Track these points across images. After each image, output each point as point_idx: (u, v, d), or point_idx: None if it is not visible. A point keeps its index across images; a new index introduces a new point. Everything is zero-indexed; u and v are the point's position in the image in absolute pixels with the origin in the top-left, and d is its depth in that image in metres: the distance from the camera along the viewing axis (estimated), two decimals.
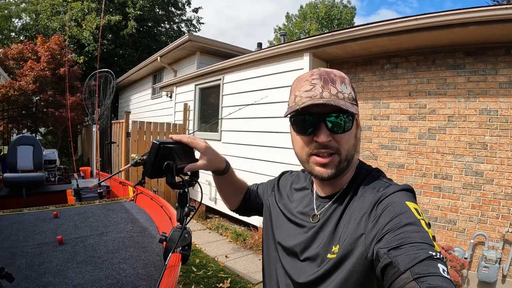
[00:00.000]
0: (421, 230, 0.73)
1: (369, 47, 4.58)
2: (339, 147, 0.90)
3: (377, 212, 0.83)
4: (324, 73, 0.91)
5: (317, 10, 30.37)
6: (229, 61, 6.40)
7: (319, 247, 0.93)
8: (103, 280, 1.58)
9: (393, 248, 0.71)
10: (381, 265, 0.72)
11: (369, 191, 0.91)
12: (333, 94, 0.87)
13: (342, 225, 0.91)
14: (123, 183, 3.99)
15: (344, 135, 0.89)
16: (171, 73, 10.46)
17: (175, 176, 1.03)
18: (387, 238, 0.75)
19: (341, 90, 0.88)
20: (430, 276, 0.62)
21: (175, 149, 1.04)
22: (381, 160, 4.67)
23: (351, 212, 0.91)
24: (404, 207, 0.79)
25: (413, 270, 0.64)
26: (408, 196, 0.86)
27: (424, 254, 0.66)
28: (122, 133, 6.97)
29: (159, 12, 19.82)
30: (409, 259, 0.66)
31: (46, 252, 1.93)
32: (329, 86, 0.88)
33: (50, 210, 2.84)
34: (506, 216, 3.79)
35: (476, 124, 3.96)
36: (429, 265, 0.64)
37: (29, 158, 4.74)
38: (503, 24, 3.40)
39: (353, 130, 0.91)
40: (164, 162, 1.00)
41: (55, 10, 18.06)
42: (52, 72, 11.53)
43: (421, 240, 0.70)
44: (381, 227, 0.78)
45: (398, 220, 0.76)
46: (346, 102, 0.87)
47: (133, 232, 2.26)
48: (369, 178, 0.96)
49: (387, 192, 0.86)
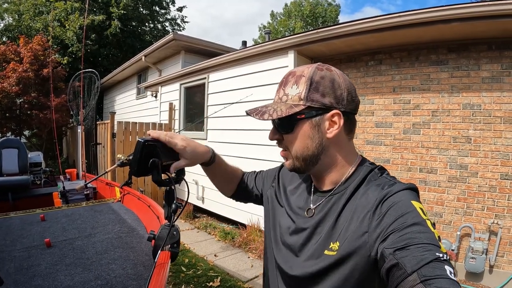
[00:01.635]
0: (427, 231, 0.72)
1: (353, 44, 4.62)
2: (287, 146, 0.97)
3: (381, 210, 0.82)
4: (287, 74, 0.97)
5: (301, 8, 30.42)
6: (214, 60, 6.39)
7: (317, 243, 0.92)
8: (93, 281, 1.57)
9: (399, 249, 0.70)
10: (386, 266, 0.71)
11: (372, 189, 0.90)
12: (279, 97, 0.95)
13: (342, 222, 0.90)
14: (109, 184, 3.96)
15: (287, 136, 0.95)
16: (156, 72, 10.40)
17: (161, 173, 1.04)
18: (392, 238, 0.74)
19: (287, 92, 0.93)
20: (438, 279, 0.62)
21: (160, 147, 1.04)
22: (367, 156, 4.72)
23: (353, 209, 0.90)
24: (409, 207, 0.79)
25: (420, 272, 0.64)
26: (413, 195, 0.85)
27: (431, 255, 0.66)
28: (108, 134, 6.90)
29: (143, 11, 19.66)
30: (416, 261, 0.66)
31: (34, 256, 1.91)
32: (280, 90, 0.96)
33: (37, 213, 2.81)
34: (491, 208, 3.88)
35: (460, 119, 4.04)
36: (436, 267, 0.64)
37: (14, 161, 4.68)
38: (485, 21, 3.47)
39: (301, 132, 0.93)
40: (150, 160, 1.00)
41: (37, 10, 17.78)
42: (35, 73, 11.34)
43: (427, 241, 0.69)
44: (386, 226, 0.78)
45: (403, 220, 0.76)
46: (282, 105, 0.92)
47: (121, 232, 2.25)
48: (372, 175, 0.95)
49: (392, 191, 0.85)
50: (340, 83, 0.92)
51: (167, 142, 1.06)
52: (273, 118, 0.90)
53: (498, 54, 3.85)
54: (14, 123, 12.27)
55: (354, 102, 0.95)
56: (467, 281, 4.02)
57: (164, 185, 1.08)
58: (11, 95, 11.08)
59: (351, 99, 0.93)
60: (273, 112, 0.91)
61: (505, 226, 3.80)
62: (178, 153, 1.09)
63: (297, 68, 0.96)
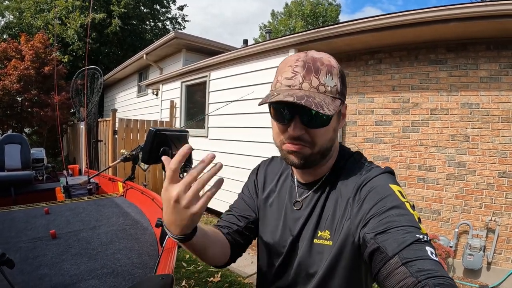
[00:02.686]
0: (407, 213, 0.73)
1: (353, 43, 4.66)
2: (313, 141, 0.86)
3: (360, 196, 0.83)
4: (310, 59, 0.84)
5: (302, 8, 30.40)
6: (215, 58, 6.42)
7: (308, 234, 0.93)
8: (99, 270, 1.61)
9: (379, 233, 0.70)
10: (368, 250, 0.71)
11: (352, 176, 0.91)
12: (313, 86, 0.81)
13: (327, 211, 0.91)
14: (112, 179, 3.99)
15: (319, 130, 0.85)
16: (157, 70, 10.43)
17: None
18: (372, 222, 0.74)
19: (324, 82, 0.82)
20: (419, 260, 0.62)
21: (170, 136, 1.08)
22: (366, 154, 4.76)
23: (335, 198, 0.91)
24: (387, 190, 0.79)
25: (402, 255, 0.64)
26: (391, 178, 0.86)
27: (411, 237, 0.66)
28: (109, 131, 6.91)
29: (144, 10, 19.67)
30: (397, 244, 0.66)
31: (39, 246, 1.94)
32: (311, 77, 0.82)
33: (40, 207, 2.85)
34: (489, 205, 3.92)
35: (458, 117, 4.09)
36: (417, 248, 0.65)
37: (17, 157, 4.72)
38: (483, 21, 3.52)
39: (331, 124, 0.87)
40: (160, 148, 1.04)
41: (39, 8, 17.78)
42: (37, 71, 11.36)
43: (407, 223, 0.70)
44: (366, 212, 0.78)
45: (382, 204, 0.76)
46: (326, 97, 0.81)
47: (125, 225, 2.29)
48: (351, 162, 0.96)
49: (370, 176, 0.86)
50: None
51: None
52: (331, 114, 0.79)
53: (496, 53, 3.89)
54: (15, 121, 12.29)
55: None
56: (465, 278, 4.06)
57: None
58: (12, 93, 11.11)
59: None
60: (325, 106, 0.79)
61: (502, 224, 3.84)
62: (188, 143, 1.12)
63: (316, 54, 0.87)
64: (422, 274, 0.60)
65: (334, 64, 0.86)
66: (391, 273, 0.64)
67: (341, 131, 4.95)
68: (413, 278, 0.60)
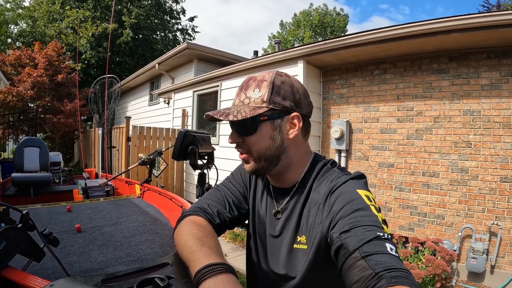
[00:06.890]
0: (370, 215, 0.78)
1: (359, 54, 4.82)
2: (249, 149, 0.99)
3: (330, 201, 0.88)
4: (247, 79, 1.01)
5: (310, 18, 30.62)
6: (227, 68, 6.59)
7: (288, 241, 1.00)
8: (125, 258, 1.75)
9: (344, 232, 0.76)
10: (334, 248, 0.77)
11: (323, 183, 0.97)
12: (241, 100, 0.98)
13: (303, 218, 0.98)
14: (129, 182, 4.10)
15: (249, 138, 0.97)
16: (169, 80, 10.57)
17: (197, 159, 1.26)
18: (339, 224, 0.79)
19: (249, 95, 0.96)
20: (378, 254, 0.67)
21: (197, 137, 1.25)
22: (372, 160, 4.90)
23: (309, 204, 0.98)
24: (354, 195, 0.85)
25: (362, 249, 0.69)
26: (359, 183, 0.92)
27: (371, 234, 0.71)
28: (123, 138, 7.05)
29: (155, 20, 20.01)
30: (358, 240, 0.71)
31: (66, 239, 2.02)
32: (241, 93, 0.99)
33: (62, 205, 2.97)
34: (491, 209, 4.01)
35: (461, 124, 4.21)
36: (377, 244, 0.70)
37: (36, 159, 4.85)
38: (484, 31, 3.63)
39: (263, 132, 0.96)
40: (189, 147, 1.21)
41: (51, 17, 18.18)
42: (50, 78, 11.65)
43: (370, 223, 0.75)
44: (334, 215, 0.83)
45: (349, 207, 0.81)
46: (246, 107, 0.95)
47: (145, 221, 2.43)
48: (324, 170, 1.02)
49: (339, 182, 0.92)
50: (298, 88, 0.99)
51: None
52: (238, 119, 0.92)
53: (496, 62, 4.01)
54: (28, 126, 12.54)
55: (309, 106, 1.02)
56: (469, 281, 4.12)
57: (199, 169, 1.30)
58: (25, 99, 11.38)
59: (307, 103, 1.01)
60: (237, 113, 0.93)
61: (505, 228, 3.92)
62: (211, 145, 1.28)
63: (256, 74, 1.00)
64: (380, 266, 0.65)
65: (268, 77, 0.97)
66: (351, 266, 0.69)
67: (347, 139, 5.09)
68: (371, 270, 0.65)
